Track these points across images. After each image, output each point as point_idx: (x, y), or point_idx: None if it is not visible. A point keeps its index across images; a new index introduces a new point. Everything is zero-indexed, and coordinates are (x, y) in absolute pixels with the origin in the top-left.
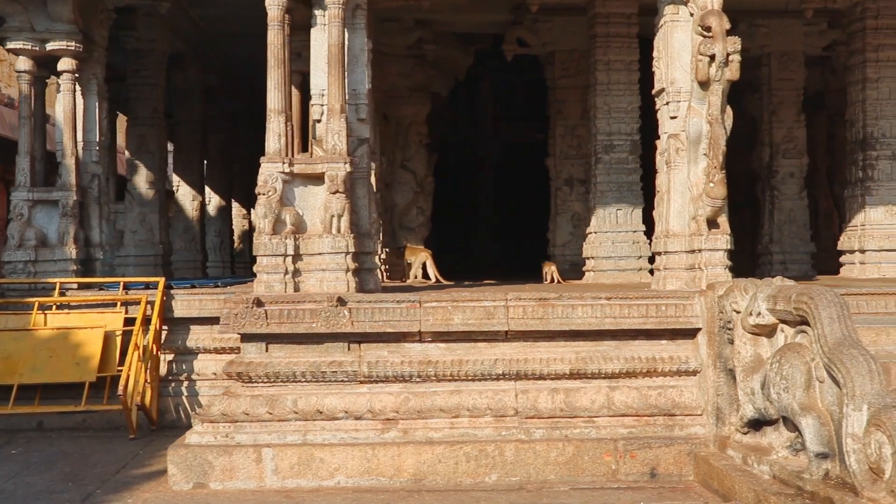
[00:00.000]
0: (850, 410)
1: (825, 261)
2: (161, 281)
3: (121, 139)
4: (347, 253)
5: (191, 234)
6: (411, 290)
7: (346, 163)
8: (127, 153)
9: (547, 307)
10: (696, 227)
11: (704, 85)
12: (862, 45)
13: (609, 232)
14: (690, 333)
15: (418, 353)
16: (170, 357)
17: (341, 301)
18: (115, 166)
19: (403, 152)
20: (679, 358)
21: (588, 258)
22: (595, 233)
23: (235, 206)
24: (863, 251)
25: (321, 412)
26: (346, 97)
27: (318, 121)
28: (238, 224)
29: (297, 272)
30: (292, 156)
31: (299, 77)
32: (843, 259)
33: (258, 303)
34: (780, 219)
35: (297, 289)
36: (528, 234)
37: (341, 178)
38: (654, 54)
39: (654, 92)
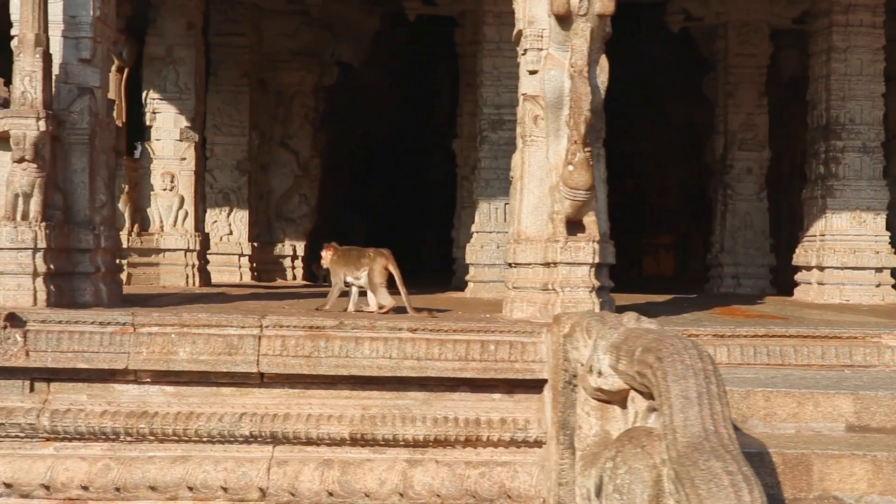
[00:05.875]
0: None
1: (790, 276)
2: None
3: None
4: (37, 249)
5: None
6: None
7: (40, 118)
8: None
9: (319, 340)
10: (552, 231)
11: (565, 22)
12: (828, 4)
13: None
14: (535, 386)
15: (132, 400)
16: None
17: (14, 320)
18: None
19: (284, 128)
20: (516, 421)
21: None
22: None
23: None
24: (821, 268)
25: None
26: (63, 27)
27: None
28: None
29: None
30: None
31: None
32: (798, 277)
33: None
34: (734, 224)
35: None
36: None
37: (31, 140)
38: None
39: (513, 37)
